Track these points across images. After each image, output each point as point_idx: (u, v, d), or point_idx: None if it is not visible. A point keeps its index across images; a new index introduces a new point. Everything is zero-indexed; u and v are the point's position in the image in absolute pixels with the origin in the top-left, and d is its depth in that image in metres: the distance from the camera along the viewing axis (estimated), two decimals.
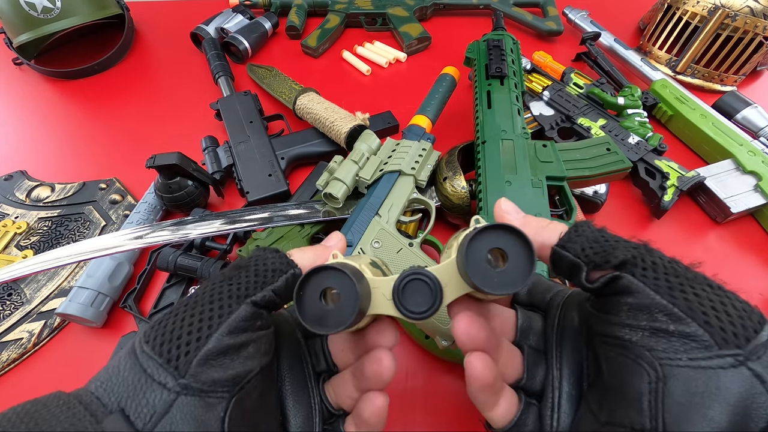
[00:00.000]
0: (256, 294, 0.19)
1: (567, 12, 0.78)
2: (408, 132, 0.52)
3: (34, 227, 0.53)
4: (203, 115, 0.65)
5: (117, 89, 0.74)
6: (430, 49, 0.78)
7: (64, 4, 0.69)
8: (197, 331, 0.18)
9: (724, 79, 0.67)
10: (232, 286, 0.19)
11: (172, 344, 0.17)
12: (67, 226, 0.54)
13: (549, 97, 0.60)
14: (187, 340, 0.17)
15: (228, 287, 0.19)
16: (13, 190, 0.57)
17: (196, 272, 0.45)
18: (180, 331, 0.18)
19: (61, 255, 0.40)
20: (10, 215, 0.54)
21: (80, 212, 0.55)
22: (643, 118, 0.57)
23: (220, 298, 0.19)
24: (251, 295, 0.19)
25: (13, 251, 0.51)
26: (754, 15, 0.60)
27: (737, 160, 0.54)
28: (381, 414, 0.22)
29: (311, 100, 0.59)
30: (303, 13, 0.81)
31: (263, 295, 0.19)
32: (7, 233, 0.52)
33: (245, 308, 0.19)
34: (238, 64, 0.75)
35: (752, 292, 0.46)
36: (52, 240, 0.52)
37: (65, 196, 0.56)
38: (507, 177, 0.43)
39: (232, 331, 0.18)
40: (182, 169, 0.49)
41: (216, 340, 0.18)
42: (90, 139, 0.66)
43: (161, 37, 0.83)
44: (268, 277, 0.20)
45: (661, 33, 0.69)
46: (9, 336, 0.44)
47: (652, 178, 0.52)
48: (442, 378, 0.42)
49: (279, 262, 0.21)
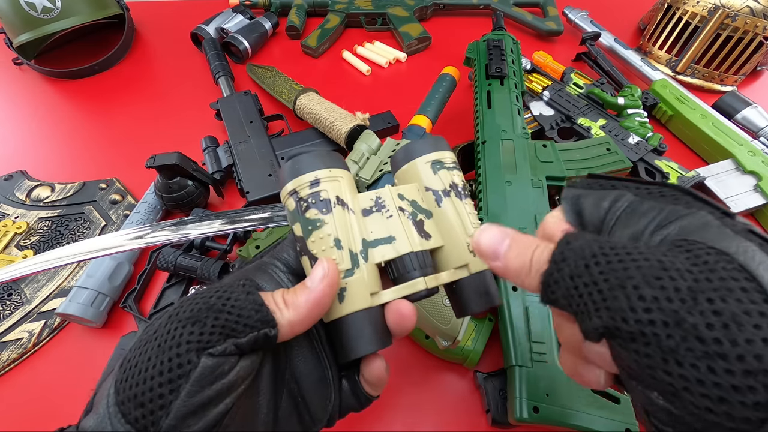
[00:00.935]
0: (217, 347, 0.17)
1: (567, 12, 0.78)
2: (408, 132, 0.52)
3: (34, 227, 0.53)
4: (203, 115, 0.65)
5: (117, 89, 0.74)
6: (430, 49, 0.78)
7: (64, 4, 0.69)
8: (159, 398, 0.16)
9: (724, 79, 0.67)
10: (192, 334, 0.17)
11: (139, 411, 0.16)
12: (67, 226, 0.54)
13: (549, 97, 0.60)
14: (150, 409, 0.16)
15: (188, 335, 0.17)
16: (13, 190, 0.57)
17: (196, 272, 0.45)
18: (147, 391, 0.16)
19: (61, 255, 0.40)
20: (10, 215, 0.54)
21: (80, 212, 0.55)
22: (643, 118, 0.57)
23: (178, 345, 0.17)
24: (211, 347, 0.17)
25: (13, 251, 0.51)
26: (754, 15, 0.60)
27: (737, 160, 0.54)
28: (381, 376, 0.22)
29: (311, 100, 0.59)
30: (303, 13, 0.81)
31: (224, 348, 0.17)
32: (7, 233, 0.52)
33: (206, 362, 0.17)
34: (238, 64, 0.75)
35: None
36: (52, 240, 0.52)
37: (65, 196, 0.56)
38: (507, 177, 0.43)
39: (196, 392, 0.16)
40: (182, 169, 0.49)
41: (179, 407, 0.16)
42: (90, 139, 0.66)
43: (161, 37, 0.83)
44: (237, 327, 0.18)
45: (661, 33, 0.69)
46: (9, 336, 0.44)
47: (652, 178, 0.52)
48: (442, 378, 0.42)
49: (253, 313, 0.18)
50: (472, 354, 0.40)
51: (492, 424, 0.38)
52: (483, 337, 0.40)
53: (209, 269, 0.45)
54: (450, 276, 0.23)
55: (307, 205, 0.21)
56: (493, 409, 0.37)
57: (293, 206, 0.21)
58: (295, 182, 0.21)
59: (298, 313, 0.19)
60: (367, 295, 0.20)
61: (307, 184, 0.21)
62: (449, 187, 0.24)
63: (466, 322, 0.36)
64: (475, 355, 0.40)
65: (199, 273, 0.45)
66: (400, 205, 0.23)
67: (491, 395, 0.38)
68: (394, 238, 0.22)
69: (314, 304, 0.19)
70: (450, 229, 0.23)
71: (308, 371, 0.21)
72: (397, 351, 0.44)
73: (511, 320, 0.36)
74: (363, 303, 0.20)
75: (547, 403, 0.32)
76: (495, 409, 0.37)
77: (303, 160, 0.22)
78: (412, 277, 0.21)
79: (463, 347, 0.40)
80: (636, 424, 0.32)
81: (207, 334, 0.17)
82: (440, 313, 0.37)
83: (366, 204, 0.22)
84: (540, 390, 0.33)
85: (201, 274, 0.45)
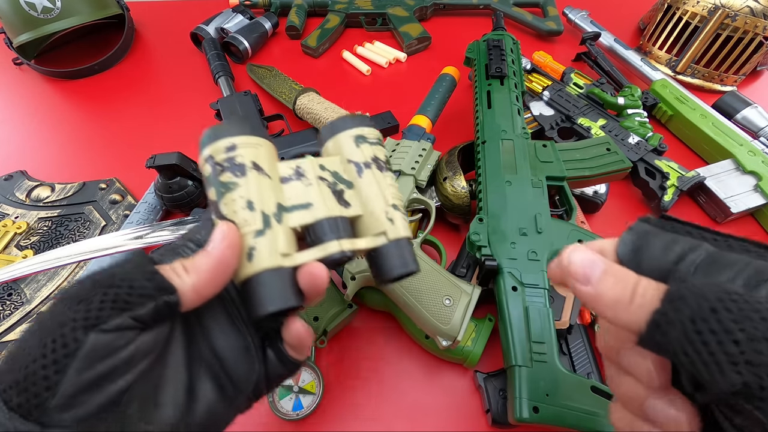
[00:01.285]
0: (109, 322, 0.16)
1: (567, 12, 0.78)
2: (408, 132, 0.52)
3: (34, 227, 0.53)
4: (203, 115, 0.65)
5: (117, 89, 0.74)
6: (430, 49, 0.78)
7: (64, 4, 0.69)
8: (43, 380, 0.15)
9: (724, 79, 0.67)
10: (78, 312, 0.16)
11: (23, 396, 0.15)
12: (67, 226, 0.54)
13: (549, 97, 0.60)
14: (35, 392, 0.15)
15: (73, 314, 0.16)
16: (13, 190, 0.57)
17: None
18: (29, 375, 0.15)
19: (61, 255, 0.41)
20: (10, 215, 0.54)
21: (80, 212, 0.55)
22: (643, 118, 0.57)
23: (63, 326, 0.16)
24: (102, 323, 0.16)
25: (13, 251, 0.51)
26: (754, 15, 0.60)
27: (737, 160, 0.54)
28: (301, 337, 0.22)
29: (311, 100, 0.59)
30: (303, 13, 0.81)
31: (118, 323, 0.16)
32: (7, 233, 0.52)
33: (96, 338, 0.16)
34: (238, 64, 0.75)
35: None
36: (52, 240, 0.52)
37: (65, 196, 0.56)
38: (507, 177, 0.43)
39: (84, 368, 0.16)
40: (182, 169, 0.49)
41: (67, 386, 0.15)
42: (90, 139, 0.66)
43: (161, 37, 0.83)
44: (131, 300, 0.17)
45: (661, 33, 0.69)
46: (9, 336, 0.44)
47: (652, 178, 0.52)
48: (442, 378, 0.42)
49: (146, 282, 0.17)
50: (472, 354, 0.40)
51: (492, 424, 0.38)
52: (483, 337, 0.40)
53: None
54: (368, 243, 0.23)
55: (222, 168, 0.21)
56: (493, 409, 0.37)
57: (209, 172, 0.21)
58: (212, 148, 0.21)
59: (200, 277, 0.19)
60: (278, 254, 0.20)
61: (222, 149, 0.21)
62: (371, 160, 0.24)
63: (466, 322, 0.36)
64: (475, 355, 0.40)
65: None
66: (321, 175, 0.23)
67: (491, 395, 0.38)
68: (311, 204, 0.22)
69: (216, 265, 0.19)
70: (370, 198, 0.24)
71: (228, 343, 0.21)
72: (397, 351, 0.44)
73: (511, 320, 0.36)
74: (272, 262, 0.20)
75: (547, 403, 0.32)
76: (495, 409, 0.37)
77: (221, 127, 0.22)
78: (326, 240, 0.22)
79: (463, 347, 0.40)
80: None
81: (95, 310, 0.16)
82: (440, 313, 0.37)
83: (285, 172, 0.23)
84: (540, 390, 0.33)
85: None
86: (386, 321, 0.45)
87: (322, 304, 0.41)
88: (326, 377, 0.42)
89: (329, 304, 0.41)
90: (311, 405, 0.40)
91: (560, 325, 0.39)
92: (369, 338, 0.45)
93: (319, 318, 0.40)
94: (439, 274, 0.39)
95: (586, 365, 0.40)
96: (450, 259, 0.48)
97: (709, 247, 0.17)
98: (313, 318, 0.40)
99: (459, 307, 0.37)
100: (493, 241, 0.39)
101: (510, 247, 0.39)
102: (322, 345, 0.41)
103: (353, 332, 0.45)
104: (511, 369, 0.34)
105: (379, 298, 0.43)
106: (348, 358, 0.43)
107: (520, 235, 0.40)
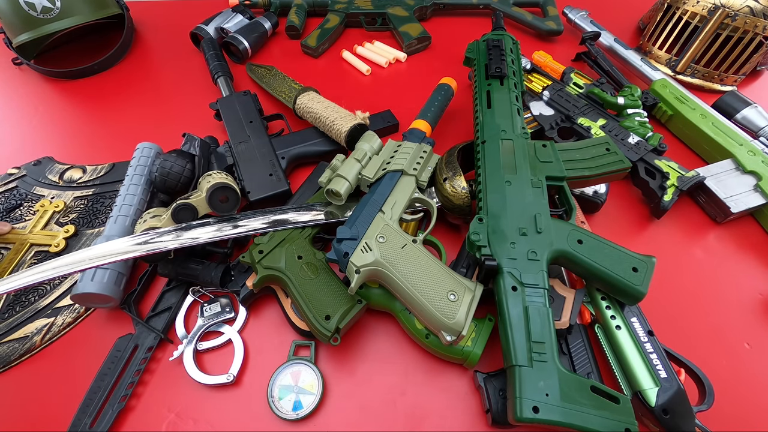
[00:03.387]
0: None
1: (567, 12, 0.78)
2: (409, 134, 0.52)
3: (71, 206, 0.57)
4: (203, 115, 0.65)
5: (117, 89, 0.73)
6: (429, 48, 0.78)
7: (64, 4, 0.69)
8: None
9: (724, 78, 0.67)
10: None
11: None
12: (102, 203, 0.57)
13: (549, 97, 0.60)
14: None
15: None
16: (45, 173, 0.60)
17: (198, 278, 0.46)
18: None
19: (70, 262, 0.42)
20: (46, 196, 0.58)
21: (114, 190, 0.59)
22: (643, 118, 0.57)
23: None
24: None
25: (54, 227, 0.54)
26: (754, 15, 0.60)
27: (737, 160, 0.54)
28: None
29: (311, 100, 0.59)
30: (303, 13, 0.81)
31: None
32: (45, 212, 0.55)
33: None
34: (237, 64, 0.75)
35: (752, 292, 0.46)
36: (90, 216, 0.56)
37: (98, 176, 0.60)
38: (507, 177, 0.43)
39: None
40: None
41: None
42: (89, 139, 0.66)
43: (161, 37, 0.83)
44: None
45: (661, 33, 0.69)
46: (62, 302, 0.48)
47: (651, 178, 0.52)
48: (442, 378, 0.42)
49: None
50: (472, 354, 0.40)
51: (492, 424, 0.38)
52: (483, 337, 0.40)
53: (210, 274, 0.45)
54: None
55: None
56: (493, 409, 0.37)
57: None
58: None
59: None
60: None
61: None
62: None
63: (471, 317, 0.36)
64: (475, 355, 0.40)
65: (200, 278, 0.46)
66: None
67: (491, 395, 0.38)
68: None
69: None
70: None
71: None
72: (397, 351, 0.44)
73: (511, 320, 0.36)
74: None
75: (547, 403, 0.32)
76: (495, 409, 0.37)
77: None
78: None
79: (463, 347, 0.40)
80: (636, 424, 0.32)
81: None
82: (445, 308, 0.37)
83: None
84: (540, 390, 0.33)
85: (202, 279, 0.45)
86: (386, 321, 0.45)
87: (331, 302, 0.41)
88: (326, 377, 0.42)
89: (338, 301, 0.41)
90: (311, 405, 0.40)
91: (560, 325, 0.39)
92: (369, 338, 0.45)
93: (331, 316, 0.40)
94: (443, 270, 0.39)
95: (586, 365, 0.40)
96: (450, 259, 0.48)
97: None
98: (325, 317, 0.40)
99: (463, 302, 0.37)
100: (492, 241, 0.39)
101: (510, 247, 0.39)
102: (335, 343, 0.40)
103: (353, 332, 0.45)
104: (511, 369, 0.34)
105: (380, 297, 0.43)
106: (348, 358, 0.43)
107: (520, 235, 0.40)
